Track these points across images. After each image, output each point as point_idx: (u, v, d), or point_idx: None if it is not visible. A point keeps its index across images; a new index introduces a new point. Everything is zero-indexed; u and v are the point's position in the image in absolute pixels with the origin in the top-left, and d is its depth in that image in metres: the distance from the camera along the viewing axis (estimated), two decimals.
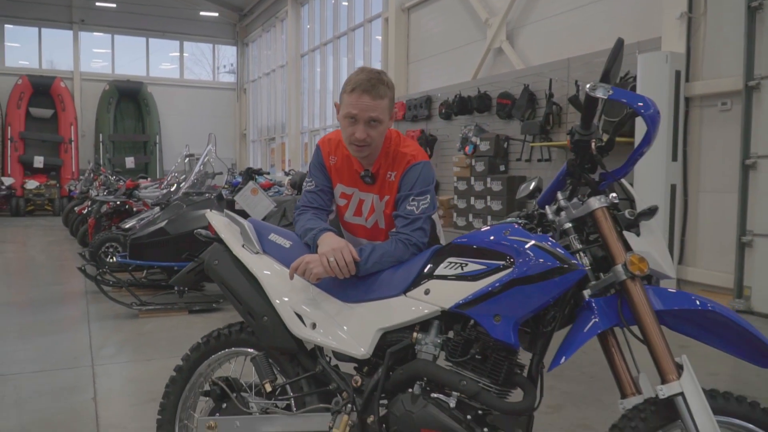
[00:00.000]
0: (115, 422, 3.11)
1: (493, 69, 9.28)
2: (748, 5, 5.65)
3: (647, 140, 1.66)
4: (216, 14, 21.73)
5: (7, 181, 17.39)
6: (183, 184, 6.73)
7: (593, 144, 1.72)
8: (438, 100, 10.02)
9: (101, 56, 21.24)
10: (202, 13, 21.51)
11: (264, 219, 5.53)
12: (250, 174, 6.81)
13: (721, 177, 6.08)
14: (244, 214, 4.57)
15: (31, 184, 17.44)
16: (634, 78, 6.38)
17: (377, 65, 13.07)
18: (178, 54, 22.13)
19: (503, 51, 8.96)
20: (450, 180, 9.43)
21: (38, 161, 18.07)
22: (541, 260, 1.65)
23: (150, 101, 20.35)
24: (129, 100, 20.40)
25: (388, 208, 2.22)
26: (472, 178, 8.62)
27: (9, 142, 18.11)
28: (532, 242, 1.70)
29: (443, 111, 9.68)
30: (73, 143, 18.89)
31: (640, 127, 5.69)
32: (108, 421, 3.13)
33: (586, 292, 1.70)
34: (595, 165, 1.78)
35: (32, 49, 20.23)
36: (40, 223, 15.19)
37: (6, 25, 19.65)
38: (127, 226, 6.94)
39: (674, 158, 6.16)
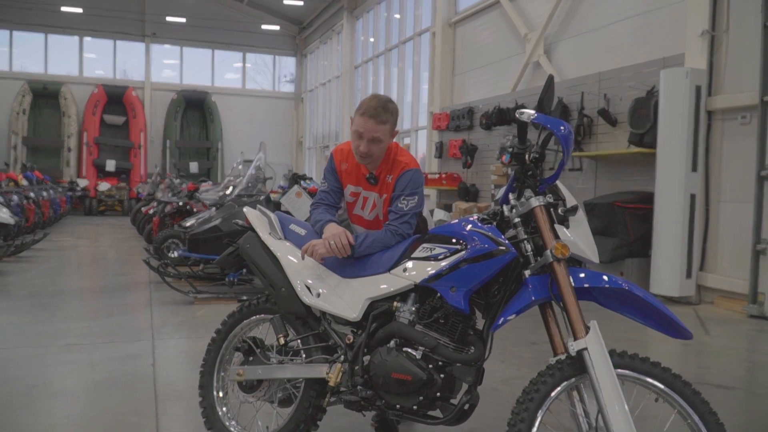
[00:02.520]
0: (169, 382, 3.72)
1: (532, 82, 9.65)
2: (764, 24, 5.90)
3: (564, 153, 2.12)
4: (277, 27, 22.72)
5: (82, 182, 18.74)
6: (236, 187, 7.40)
7: (527, 156, 2.18)
8: (479, 111, 10.45)
9: (170, 67, 22.52)
10: (263, 27, 22.52)
11: (307, 221, 6.13)
12: (296, 179, 7.41)
13: (740, 187, 6.32)
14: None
15: (103, 186, 18.74)
16: (658, 92, 6.68)
17: (425, 77, 13.59)
18: (241, 65, 23.23)
19: (540, 65, 9.34)
20: (488, 187, 9.84)
21: (110, 165, 19.40)
22: (485, 245, 2.15)
23: (214, 110, 21.47)
24: (195, 109, 21.59)
25: (385, 204, 2.73)
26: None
27: (85, 146, 19.53)
28: (480, 231, 2.19)
29: (483, 122, 10.11)
30: (142, 148, 20.16)
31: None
32: (163, 381, 3.74)
33: (527, 272, 2.17)
34: (536, 172, 2.24)
35: (107, 60, 21.66)
36: (110, 222, 16.34)
37: (85, 38, 21.13)
38: (187, 224, 7.65)
39: (694, 169, 6.43)
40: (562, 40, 9.05)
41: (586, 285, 2.08)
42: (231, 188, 7.74)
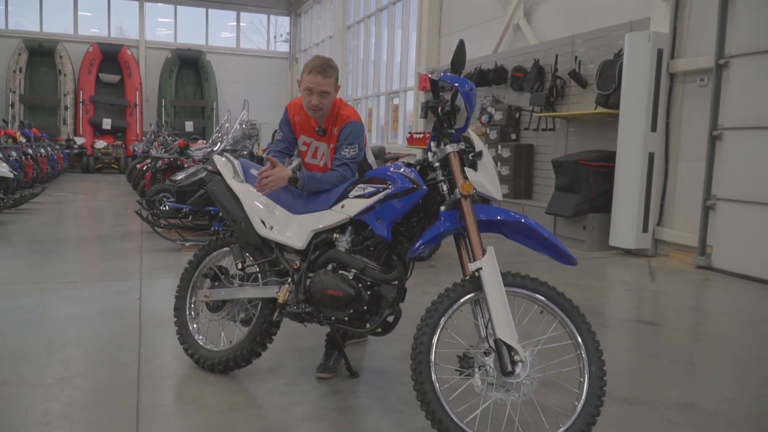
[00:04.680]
0: (152, 312, 4.20)
1: (513, 44, 9.95)
2: None
3: (466, 107, 2.52)
4: None
5: (79, 140, 19.06)
6: (222, 143, 7.80)
7: (440, 109, 2.59)
8: (463, 72, 10.75)
9: (165, 25, 22.59)
10: None
11: None
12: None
13: (696, 146, 6.71)
14: None
15: (100, 144, 19.06)
16: (623, 55, 7.02)
17: (413, 37, 13.82)
18: (235, 24, 23.28)
19: (520, 27, 9.62)
20: None
21: (106, 123, 19.67)
22: (405, 184, 2.57)
23: (208, 69, 21.60)
24: (189, 68, 21.70)
25: (332, 153, 3.14)
26: (486, 146, 9.38)
27: (81, 105, 19.78)
28: (402, 173, 2.61)
29: None
30: (137, 107, 20.38)
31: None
32: (148, 311, 4.22)
33: (442, 207, 2.59)
34: (451, 123, 2.65)
35: (102, 18, 21.72)
36: (107, 179, 16.75)
37: None
38: (177, 179, 8.05)
39: (653, 129, 6.81)
40: (541, 3, 9.32)
41: (483, 217, 2.49)
42: (218, 144, 8.12)
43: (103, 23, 21.74)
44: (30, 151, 11.67)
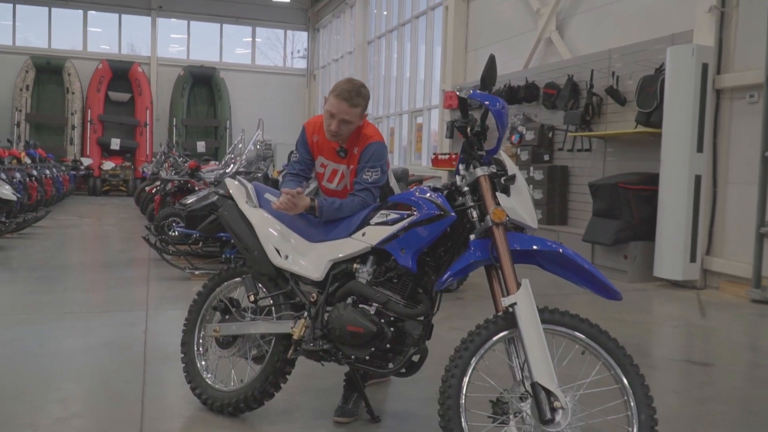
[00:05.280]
0: (158, 346, 4.16)
1: (544, 59, 9.92)
2: None
3: (498, 127, 2.47)
4: (288, 0, 23.08)
5: (86, 161, 19.33)
6: (235, 165, 7.83)
7: (469, 129, 2.54)
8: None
9: (177, 41, 23.02)
10: None
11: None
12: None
13: (747, 169, 6.57)
14: None
15: (108, 165, 19.35)
16: (665, 70, 6.94)
17: (437, 52, 13.88)
18: (250, 39, 23.62)
19: (552, 41, 9.60)
20: None
21: (115, 143, 19.98)
22: (431, 210, 2.52)
23: (222, 87, 21.92)
24: (202, 86, 22.07)
25: (352, 175, 3.11)
26: (517, 167, 9.34)
27: (89, 124, 20.12)
28: (428, 198, 2.56)
29: None
30: (148, 126, 20.70)
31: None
32: (153, 345, 4.19)
33: (472, 236, 2.53)
34: (481, 144, 2.60)
35: (113, 34, 22.21)
36: (114, 202, 16.95)
37: (89, 12, 21.68)
38: (187, 202, 8.09)
39: (699, 149, 6.69)
40: (575, 16, 9.30)
41: (518, 247, 2.43)
42: (231, 166, 8.16)
43: (113, 39, 22.23)
44: (35, 172, 11.85)
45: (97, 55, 21.28)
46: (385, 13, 17.26)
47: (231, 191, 3.24)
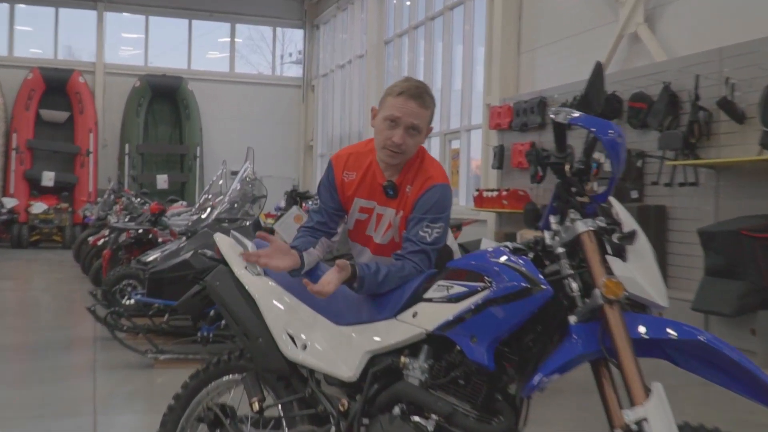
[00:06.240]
0: None
1: (628, 62, 9.86)
2: None
3: (612, 162, 2.34)
4: None
5: (9, 202, 19.25)
6: (215, 209, 7.73)
7: (568, 167, 2.41)
8: (555, 102, 10.67)
9: (132, 43, 23.33)
10: None
11: None
12: (295, 197, 7.71)
13: None
14: None
15: (38, 207, 19.33)
16: None
17: (480, 52, 13.89)
18: (228, 40, 23.91)
19: (639, 38, 9.54)
20: None
21: (47, 178, 20.02)
22: (515, 282, 2.37)
23: (191, 102, 22.11)
24: (164, 101, 22.30)
25: (401, 224, 3.00)
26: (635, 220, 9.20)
27: (13, 152, 20.11)
28: (510, 265, 2.41)
29: None
30: (91, 155, 20.79)
31: None
32: None
33: (572, 318, 2.37)
34: (583, 187, 2.47)
35: (47, 34, 22.49)
36: (47, 257, 16.92)
37: (17, 5, 21.96)
38: (148, 260, 7.99)
39: None
40: (671, 3, 9.26)
41: (646, 336, 2.27)
42: (208, 210, 8.08)
43: (48, 41, 22.50)
44: None
45: (26, 62, 21.54)
46: (408, 3, 17.40)
47: (223, 252, 3.12)
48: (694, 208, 8.43)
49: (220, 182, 8.96)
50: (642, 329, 2.30)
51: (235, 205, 7.85)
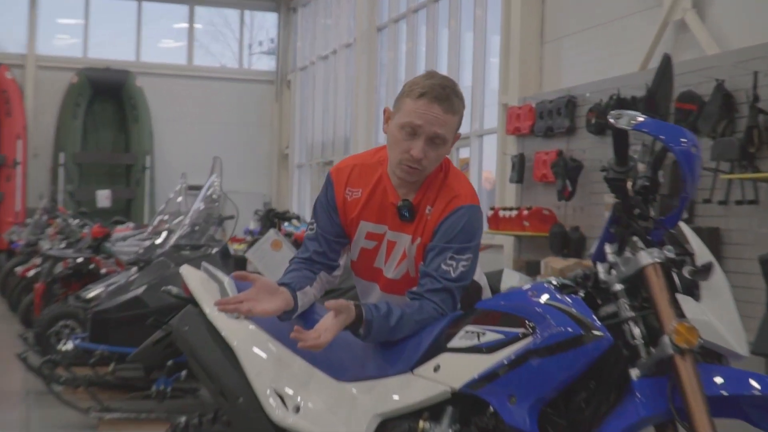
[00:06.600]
0: None
1: (674, 55, 9.83)
2: None
3: (684, 179, 2.30)
4: None
5: None
6: (173, 233, 7.66)
7: (630, 184, 2.37)
8: (585, 102, 10.64)
9: (69, 30, 23.31)
10: None
11: None
12: (272, 219, 7.65)
13: None
14: None
15: None
16: None
17: (494, 42, 13.86)
18: (186, 26, 23.91)
19: (687, 26, 9.54)
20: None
21: None
22: (561, 327, 2.32)
23: (139, 101, 22.08)
24: (108, 100, 22.31)
25: (419, 254, 2.94)
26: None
27: None
28: (556, 305, 2.36)
29: (593, 121, 10.28)
30: (19, 167, 20.69)
31: None
32: None
33: (634, 372, 2.33)
34: (647, 208, 2.43)
35: None
36: None
37: None
38: (90, 296, 7.90)
39: None
40: None
41: (725, 392, 2.24)
42: (164, 234, 8.01)
43: None
44: None
45: None
46: None
47: (192, 289, 3.08)
48: (754, 230, 8.40)
49: (179, 200, 8.90)
50: (720, 384, 2.28)
51: (196, 228, 7.78)
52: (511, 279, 9.49)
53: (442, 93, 2.80)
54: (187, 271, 3.17)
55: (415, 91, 2.82)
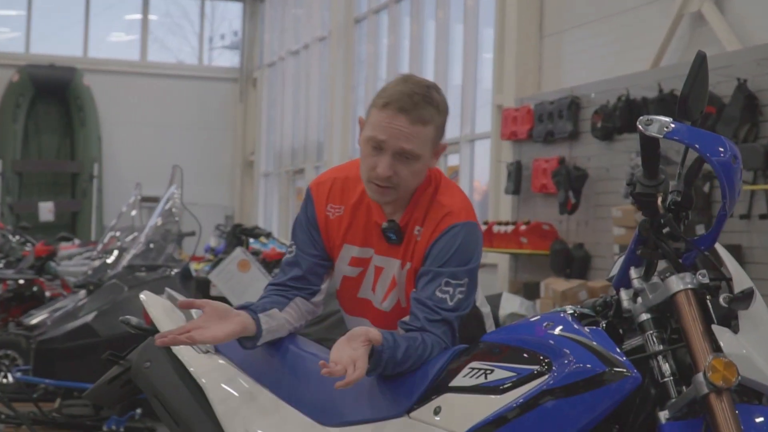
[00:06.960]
0: None
1: (689, 51, 9.87)
2: None
3: (723, 193, 2.26)
4: None
5: None
6: (127, 251, 7.61)
7: (661, 199, 2.33)
8: (590, 104, 10.65)
9: (8, 23, 23.27)
10: None
11: None
12: (239, 236, 7.61)
13: None
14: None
15: None
16: None
17: (488, 35, 13.89)
18: (139, 17, 23.86)
19: (704, 19, 9.57)
20: (609, 249, 9.98)
21: None
22: (581, 363, 2.28)
23: (87, 102, 22.03)
24: (51, 101, 22.28)
25: (409, 281, 2.88)
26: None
27: None
28: (575, 338, 2.32)
29: (599, 125, 10.29)
30: None
31: None
32: None
33: (663, 414, 2.29)
34: (679, 228, 2.39)
35: None
36: None
37: None
38: (33, 322, 7.84)
39: None
40: None
41: None
42: (116, 253, 7.95)
43: None
44: None
45: None
46: None
47: (154, 318, 3.04)
48: None
49: (132, 213, 8.84)
50: (761, 426, 2.25)
51: (152, 246, 7.73)
52: (512, 304, 9.54)
53: (408, 102, 2.70)
54: (148, 297, 3.12)
55: (381, 100, 2.75)
